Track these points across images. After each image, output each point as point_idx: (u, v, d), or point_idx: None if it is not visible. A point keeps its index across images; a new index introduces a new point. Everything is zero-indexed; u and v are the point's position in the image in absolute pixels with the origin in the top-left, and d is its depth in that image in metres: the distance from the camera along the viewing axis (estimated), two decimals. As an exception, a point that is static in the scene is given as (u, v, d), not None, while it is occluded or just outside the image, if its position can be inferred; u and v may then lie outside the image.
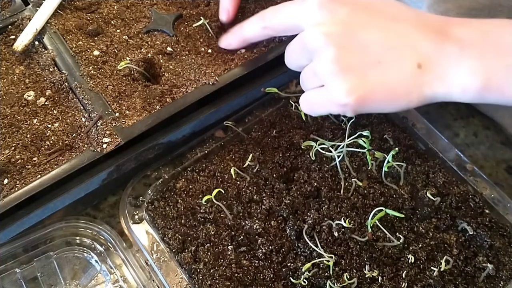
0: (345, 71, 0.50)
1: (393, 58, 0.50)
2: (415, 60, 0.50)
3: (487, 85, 0.48)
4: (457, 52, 0.49)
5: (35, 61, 0.64)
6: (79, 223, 0.58)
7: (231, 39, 0.64)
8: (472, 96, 0.49)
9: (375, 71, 0.50)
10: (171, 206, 0.58)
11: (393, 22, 0.51)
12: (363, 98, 0.50)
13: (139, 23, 0.68)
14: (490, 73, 0.48)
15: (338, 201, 0.57)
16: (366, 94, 0.50)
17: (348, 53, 0.50)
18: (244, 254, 0.55)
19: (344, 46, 0.50)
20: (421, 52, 0.50)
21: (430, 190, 0.57)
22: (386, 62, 0.50)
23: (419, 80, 0.50)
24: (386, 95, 0.51)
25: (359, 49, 0.50)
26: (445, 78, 0.49)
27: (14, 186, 0.54)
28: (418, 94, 0.50)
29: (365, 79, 0.50)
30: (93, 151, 0.56)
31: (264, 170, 0.60)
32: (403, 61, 0.50)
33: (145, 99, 0.60)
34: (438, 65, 0.49)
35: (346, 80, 0.50)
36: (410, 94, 0.50)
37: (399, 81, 0.50)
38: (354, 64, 0.50)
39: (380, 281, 0.52)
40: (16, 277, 0.56)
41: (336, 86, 0.50)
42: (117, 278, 0.56)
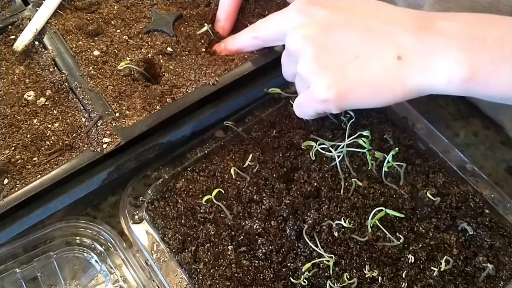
0: (324, 69, 0.51)
1: (371, 51, 0.50)
2: (394, 52, 0.50)
3: (473, 77, 0.47)
4: (441, 42, 0.49)
5: (35, 61, 0.64)
6: (79, 223, 0.58)
7: (223, 48, 0.66)
8: (458, 87, 0.49)
9: (353, 66, 0.50)
10: (171, 206, 0.58)
11: (371, 20, 0.52)
12: (343, 92, 0.51)
13: (139, 23, 0.68)
14: (476, 65, 0.47)
15: (338, 201, 0.57)
16: (346, 88, 0.51)
17: (326, 51, 0.51)
18: (244, 254, 0.55)
19: (322, 46, 0.51)
20: (400, 44, 0.50)
21: (430, 190, 0.57)
22: (364, 57, 0.50)
23: (399, 72, 0.50)
24: (367, 89, 0.51)
25: (336, 47, 0.51)
26: (429, 69, 0.49)
27: (14, 186, 0.54)
28: (401, 86, 0.50)
29: (343, 74, 0.50)
30: (93, 151, 0.56)
31: (264, 170, 0.60)
32: (381, 54, 0.50)
33: (145, 99, 0.60)
34: (420, 56, 0.49)
35: (325, 77, 0.51)
36: (393, 87, 0.50)
37: (379, 74, 0.50)
38: (333, 61, 0.51)
39: (380, 281, 0.52)
40: (16, 277, 0.56)
41: (317, 83, 0.51)
42: (117, 278, 0.56)
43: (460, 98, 0.72)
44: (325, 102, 0.52)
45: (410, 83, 0.50)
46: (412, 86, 0.50)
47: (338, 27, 0.52)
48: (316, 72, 0.51)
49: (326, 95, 0.51)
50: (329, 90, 0.51)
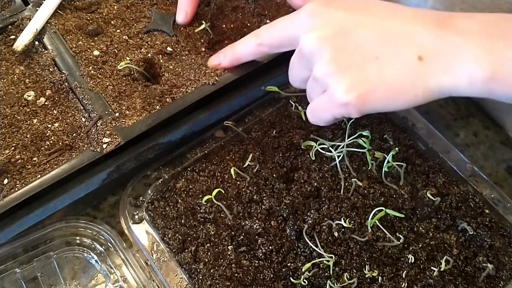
0: (343, 70, 0.49)
1: (391, 52, 0.49)
2: (414, 52, 0.48)
3: (495, 76, 0.46)
4: (461, 42, 0.47)
5: (35, 61, 0.64)
6: (79, 223, 0.58)
7: (222, 58, 0.62)
8: (480, 88, 0.47)
9: (373, 67, 0.49)
10: (171, 206, 0.58)
11: (389, 20, 0.50)
12: (364, 95, 0.49)
13: (139, 23, 0.68)
14: (498, 63, 0.46)
15: (338, 201, 0.57)
16: (367, 91, 0.49)
17: (344, 52, 0.49)
18: (244, 254, 0.55)
19: (340, 47, 0.49)
20: (420, 43, 0.48)
21: (430, 190, 0.57)
22: (384, 57, 0.49)
23: (421, 72, 0.48)
24: (388, 91, 0.49)
25: (355, 47, 0.49)
26: (450, 69, 0.47)
27: (14, 186, 0.54)
28: (423, 87, 0.48)
29: (364, 76, 0.49)
30: (93, 151, 0.56)
31: (264, 170, 0.60)
32: (401, 54, 0.48)
33: (145, 99, 0.60)
34: (441, 56, 0.47)
35: (344, 79, 0.49)
36: (415, 88, 0.48)
37: (400, 75, 0.48)
38: (352, 62, 0.49)
39: (380, 281, 0.52)
40: (16, 277, 0.56)
41: (336, 86, 0.49)
42: (117, 278, 0.56)
43: (460, 98, 0.72)
44: (346, 105, 0.49)
45: (432, 84, 0.48)
46: (433, 87, 0.48)
47: (356, 28, 0.50)
48: (335, 74, 0.49)
49: (346, 98, 0.49)
50: (350, 92, 0.49)
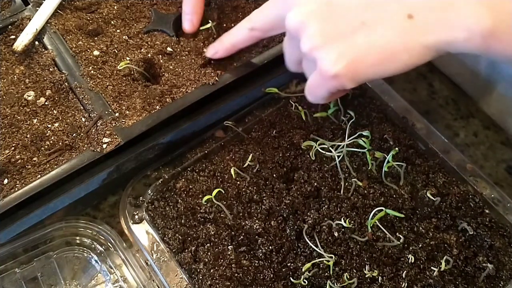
0: (329, 41, 0.47)
1: (378, 14, 0.47)
2: (403, 11, 0.46)
3: (495, 32, 0.43)
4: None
5: (35, 61, 0.64)
6: (79, 223, 0.58)
7: (219, 46, 0.62)
8: (478, 44, 0.44)
9: (361, 33, 0.47)
10: (171, 206, 0.58)
11: None
12: (354, 63, 0.47)
13: (139, 23, 0.68)
14: (498, 18, 0.43)
15: (338, 201, 0.57)
16: (356, 58, 0.47)
17: (328, 23, 0.48)
18: (244, 254, 0.55)
19: (324, 18, 0.48)
20: (409, 3, 0.46)
21: (430, 190, 0.57)
22: (370, 21, 0.47)
23: (412, 32, 0.46)
24: (379, 55, 0.47)
25: (339, 16, 0.47)
26: (445, 24, 0.45)
27: (14, 186, 0.54)
28: (416, 46, 0.46)
29: (351, 43, 0.47)
30: (93, 151, 0.56)
31: (264, 170, 0.60)
32: (389, 16, 0.46)
33: (145, 99, 0.60)
34: (433, 11, 0.45)
35: (331, 50, 0.47)
36: (407, 49, 0.46)
37: (389, 37, 0.46)
38: (337, 32, 0.47)
39: (380, 281, 0.52)
40: (16, 277, 0.56)
41: (323, 59, 0.48)
42: (117, 278, 0.56)
43: (460, 98, 0.72)
44: (337, 77, 0.47)
45: (425, 41, 0.46)
46: (428, 44, 0.46)
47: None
48: (321, 47, 0.47)
49: (335, 68, 0.47)
50: (338, 63, 0.47)
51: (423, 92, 0.73)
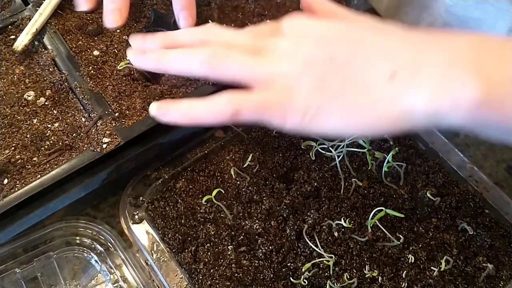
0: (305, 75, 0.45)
1: (362, 64, 0.43)
2: (387, 67, 0.41)
3: (485, 100, 0.38)
4: (445, 60, 0.40)
5: (35, 61, 0.64)
6: (79, 223, 0.58)
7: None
8: (466, 113, 0.39)
9: (338, 78, 0.43)
10: (171, 206, 0.58)
11: (371, 35, 0.45)
12: (312, 106, 0.44)
13: (139, 23, 0.68)
14: (489, 84, 0.38)
15: (338, 201, 0.57)
16: (323, 102, 0.43)
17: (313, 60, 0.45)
18: (244, 254, 0.55)
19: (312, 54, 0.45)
20: (397, 60, 0.42)
21: (430, 190, 0.57)
22: (352, 68, 0.43)
23: (388, 93, 0.41)
24: (346, 107, 0.43)
25: (326, 57, 0.44)
26: (428, 91, 0.39)
27: (14, 186, 0.54)
28: (388, 110, 0.41)
29: (324, 85, 0.43)
30: (93, 151, 0.56)
31: (264, 170, 0.60)
32: (372, 67, 0.42)
33: (145, 99, 0.60)
34: (418, 76, 0.40)
35: (304, 84, 0.45)
36: (377, 110, 0.42)
37: (364, 90, 0.42)
38: (319, 69, 0.44)
39: (380, 281, 0.52)
40: (16, 277, 0.56)
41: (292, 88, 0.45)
42: (117, 278, 0.56)
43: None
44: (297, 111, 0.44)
45: (400, 106, 0.41)
46: (401, 111, 0.41)
47: (333, 39, 0.45)
48: (293, 76, 0.44)
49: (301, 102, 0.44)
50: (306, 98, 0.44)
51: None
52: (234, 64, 0.46)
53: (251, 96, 0.46)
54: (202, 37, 0.49)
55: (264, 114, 0.46)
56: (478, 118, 0.39)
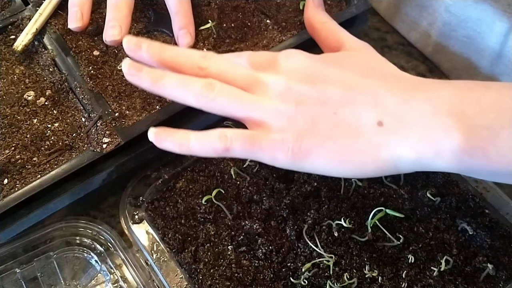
0: (297, 113, 0.46)
1: (351, 110, 0.45)
2: (375, 116, 0.44)
3: (467, 147, 0.40)
4: (429, 108, 0.42)
5: (35, 61, 0.64)
6: (79, 223, 0.58)
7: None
8: (449, 161, 0.41)
9: (327, 121, 0.45)
10: (171, 206, 0.58)
11: (362, 78, 0.47)
12: (302, 146, 0.45)
13: (139, 23, 0.68)
14: (470, 132, 0.40)
15: (338, 201, 0.57)
16: (311, 142, 0.45)
17: (305, 99, 0.46)
18: (244, 254, 0.55)
19: (304, 94, 0.47)
20: (384, 108, 0.44)
21: (430, 190, 0.57)
22: (342, 114, 0.45)
23: (375, 139, 0.43)
24: (334, 151, 0.44)
25: (317, 98, 0.46)
26: (411, 138, 0.42)
27: (14, 186, 0.54)
28: (374, 156, 0.43)
29: (314, 126, 0.45)
30: (93, 151, 0.56)
31: (264, 170, 0.60)
32: (360, 115, 0.44)
33: (145, 99, 0.60)
34: (403, 125, 0.43)
35: (294, 121, 0.46)
36: (364, 155, 0.44)
37: (352, 136, 0.44)
38: (309, 110, 0.46)
39: (380, 281, 0.52)
40: (16, 277, 0.56)
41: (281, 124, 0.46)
42: (117, 278, 0.56)
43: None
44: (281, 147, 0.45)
45: (386, 153, 0.43)
46: (388, 158, 0.43)
47: (326, 80, 0.47)
48: (284, 114, 0.46)
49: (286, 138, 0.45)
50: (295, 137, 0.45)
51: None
52: (228, 101, 0.47)
53: (242, 134, 0.46)
54: (200, 64, 0.49)
55: (254, 152, 0.47)
56: (462, 164, 0.42)
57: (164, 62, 0.50)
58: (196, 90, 0.47)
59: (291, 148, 0.45)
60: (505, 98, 0.41)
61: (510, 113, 0.40)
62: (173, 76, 0.49)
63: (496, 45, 0.65)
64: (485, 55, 0.68)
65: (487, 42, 0.66)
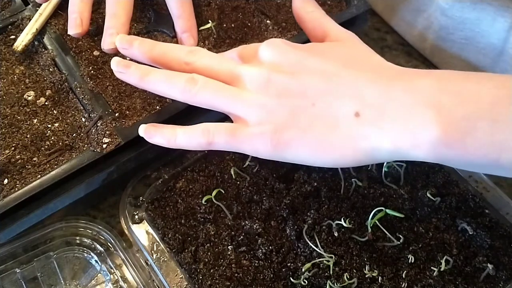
0: (277, 106, 0.47)
1: (329, 102, 0.45)
2: (352, 107, 0.44)
3: (444, 138, 0.41)
4: (408, 99, 0.43)
5: (35, 61, 0.64)
6: (79, 223, 0.58)
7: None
8: (427, 152, 0.42)
9: (307, 113, 0.45)
10: (171, 206, 0.58)
11: (344, 69, 0.47)
12: (282, 138, 0.46)
13: (139, 23, 0.68)
14: (448, 123, 0.41)
15: (338, 201, 0.57)
16: (292, 133, 0.45)
17: (286, 92, 0.47)
18: (244, 254, 0.55)
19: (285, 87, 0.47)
20: (362, 99, 0.44)
21: (430, 190, 0.57)
22: (320, 106, 0.45)
23: (354, 130, 0.44)
24: (313, 141, 0.45)
25: (297, 90, 0.46)
26: (390, 130, 0.43)
27: (14, 186, 0.54)
28: (353, 147, 0.44)
29: (294, 118, 0.46)
30: (93, 151, 0.56)
31: (264, 170, 0.60)
32: (338, 107, 0.45)
33: (145, 99, 0.60)
34: (381, 116, 0.43)
35: (274, 113, 0.46)
36: (343, 146, 0.44)
37: (330, 128, 0.45)
38: (289, 102, 0.46)
39: (380, 281, 0.52)
40: (16, 277, 0.56)
41: (261, 116, 0.47)
42: (117, 278, 0.56)
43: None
44: (261, 139, 0.46)
45: (364, 144, 0.44)
46: (366, 148, 0.44)
47: (307, 71, 0.47)
48: (266, 106, 0.46)
49: (266, 130, 0.46)
50: (274, 129, 0.46)
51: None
52: (211, 95, 0.48)
53: (223, 128, 0.48)
54: (186, 59, 0.51)
55: (236, 145, 0.48)
56: (439, 155, 0.42)
57: (155, 59, 0.52)
58: (180, 85, 0.49)
59: (270, 140, 0.46)
60: (484, 89, 0.41)
61: (488, 104, 0.40)
62: (159, 72, 0.50)
63: (498, 41, 0.65)
64: (486, 54, 0.67)
65: (488, 40, 0.66)
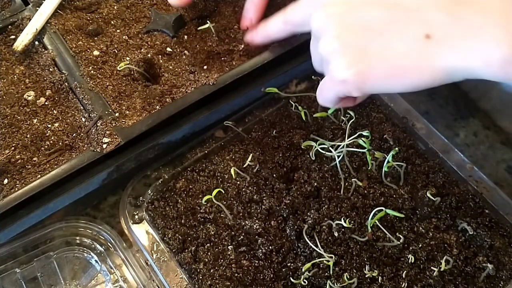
0: (345, 47, 0.48)
1: (397, 29, 0.46)
2: (422, 30, 0.45)
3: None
4: (478, 19, 0.44)
5: (35, 61, 0.64)
6: (79, 223, 0.58)
7: (255, 36, 0.64)
8: (496, 70, 0.43)
9: (377, 45, 0.47)
10: (171, 206, 0.58)
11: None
12: (363, 72, 0.47)
13: (139, 23, 0.68)
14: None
15: (338, 201, 0.57)
16: (366, 67, 0.47)
17: (349, 29, 0.48)
18: (244, 254, 0.55)
19: (346, 24, 0.48)
20: (430, 21, 0.45)
21: (430, 190, 0.57)
22: (389, 35, 0.47)
23: (427, 52, 0.45)
24: (390, 69, 0.47)
25: (361, 25, 0.48)
26: (462, 49, 0.44)
27: (14, 186, 0.54)
28: (429, 68, 0.45)
29: (365, 53, 0.47)
30: (93, 151, 0.56)
31: (264, 170, 0.60)
32: (407, 32, 0.46)
33: (145, 99, 0.60)
34: (452, 35, 0.44)
35: (345, 55, 0.48)
36: (419, 68, 0.46)
37: (403, 53, 0.46)
38: (355, 40, 0.48)
39: (380, 281, 0.52)
40: (16, 277, 0.56)
41: (336, 62, 0.48)
42: (117, 278, 0.56)
43: (460, 98, 0.72)
44: (344, 82, 0.48)
45: (440, 64, 0.45)
46: (442, 68, 0.45)
47: (364, 5, 0.48)
48: (338, 50, 0.48)
49: (344, 74, 0.47)
50: (348, 69, 0.47)
51: (423, 92, 0.73)
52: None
53: None
54: None
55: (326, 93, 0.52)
56: (508, 74, 0.43)
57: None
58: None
59: (348, 78, 0.48)
60: None
61: None
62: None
63: None
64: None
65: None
